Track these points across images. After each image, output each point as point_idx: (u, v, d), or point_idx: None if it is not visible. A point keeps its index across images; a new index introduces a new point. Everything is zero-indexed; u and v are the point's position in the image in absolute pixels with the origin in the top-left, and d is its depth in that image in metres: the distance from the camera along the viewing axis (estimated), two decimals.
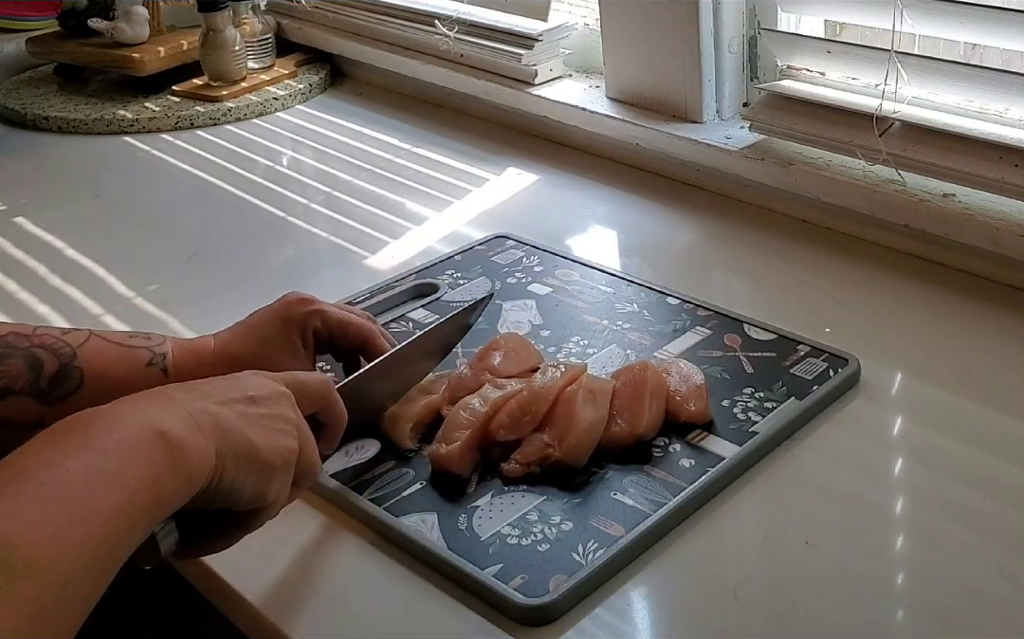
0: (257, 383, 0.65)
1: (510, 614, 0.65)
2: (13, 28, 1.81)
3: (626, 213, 1.19)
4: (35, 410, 0.71)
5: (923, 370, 0.88)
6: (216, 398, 0.61)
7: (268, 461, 0.62)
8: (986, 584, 0.66)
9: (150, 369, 0.76)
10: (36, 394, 0.72)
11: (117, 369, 0.74)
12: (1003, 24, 0.97)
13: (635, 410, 0.77)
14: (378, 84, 1.62)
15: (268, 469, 0.62)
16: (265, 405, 0.63)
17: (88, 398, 0.72)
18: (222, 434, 0.59)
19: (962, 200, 0.99)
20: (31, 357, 0.72)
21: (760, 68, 1.22)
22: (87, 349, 0.74)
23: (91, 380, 0.73)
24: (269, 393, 0.64)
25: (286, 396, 0.65)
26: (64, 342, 0.74)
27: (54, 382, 0.72)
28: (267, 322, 0.81)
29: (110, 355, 0.75)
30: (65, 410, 0.69)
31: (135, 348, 0.76)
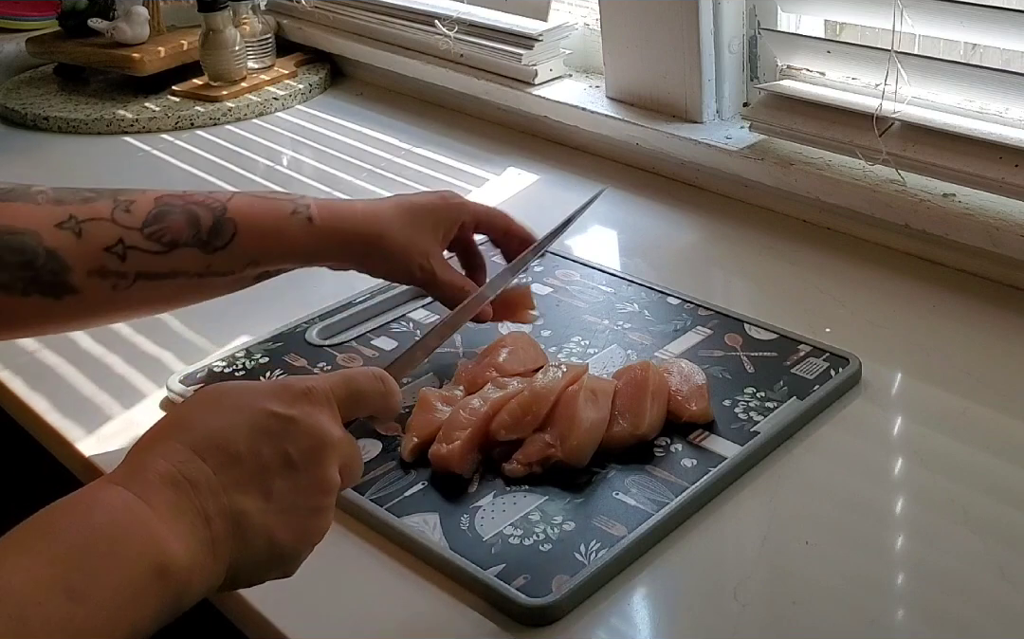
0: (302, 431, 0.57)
1: (512, 614, 0.65)
2: (13, 28, 1.80)
3: (626, 213, 1.19)
4: (202, 260, 0.77)
5: (923, 370, 0.88)
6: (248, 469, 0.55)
7: (293, 554, 0.58)
8: (986, 584, 0.66)
9: (294, 217, 0.80)
10: (200, 245, 0.77)
11: (265, 218, 0.79)
12: (1003, 24, 0.97)
13: (637, 410, 0.77)
14: (378, 84, 1.62)
15: (292, 560, 0.58)
16: (305, 471, 0.57)
17: (242, 247, 0.78)
18: (240, 544, 0.54)
19: (962, 200, 0.99)
20: (188, 212, 0.77)
21: (760, 68, 1.22)
22: (235, 202, 0.79)
23: (243, 228, 0.78)
24: (311, 449, 0.57)
25: (330, 450, 0.58)
26: (214, 198, 0.79)
27: (212, 233, 0.77)
28: (420, 205, 0.86)
29: (257, 206, 0.80)
30: (226, 257, 0.78)
31: (278, 199, 0.81)
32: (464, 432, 0.75)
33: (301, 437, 0.57)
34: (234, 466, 0.55)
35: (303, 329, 0.94)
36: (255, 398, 0.57)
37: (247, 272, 0.80)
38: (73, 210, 0.74)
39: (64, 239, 0.73)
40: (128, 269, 0.75)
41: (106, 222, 0.75)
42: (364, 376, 0.63)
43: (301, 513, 0.57)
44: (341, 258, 0.83)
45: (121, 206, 0.76)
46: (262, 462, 0.55)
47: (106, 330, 1.00)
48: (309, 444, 0.57)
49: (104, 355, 0.96)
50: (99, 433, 0.86)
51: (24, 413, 0.91)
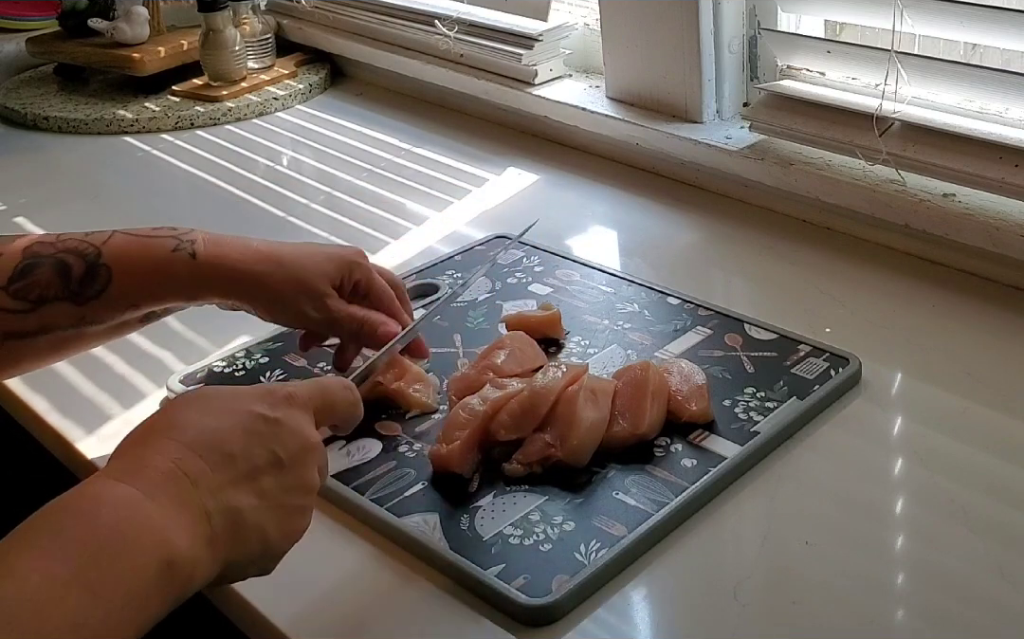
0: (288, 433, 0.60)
1: (512, 614, 0.65)
2: (13, 28, 1.81)
3: (626, 213, 1.19)
4: (74, 313, 0.73)
5: (923, 370, 0.88)
6: (241, 469, 0.57)
7: (280, 552, 0.60)
8: (986, 584, 0.66)
9: (176, 255, 0.76)
10: (70, 297, 0.73)
11: (143, 260, 0.75)
12: (1003, 24, 0.97)
13: (637, 410, 0.77)
14: (378, 84, 1.62)
15: (277, 557, 0.60)
16: (291, 471, 0.59)
17: (118, 292, 0.74)
18: (236, 538, 0.56)
19: (962, 200, 0.99)
20: (58, 263, 0.73)
21: (760, 68, 1.22)
22: (111, 245, 0.75)
23: (119, 274, 0.74)
24: (297, 451, 0.60)
25: (313, 451, 0.61)
26: (88, 243, 0.75)
27: (83, 282, 0.73)
28: (318, 251, 0.83)
29: (135, 247, 0.76)
30: (100, 306, 0.73)
31: (160, 237, 0.77)
32: (464, 432, 0.75)
33: (287, 439, 0.60)
34: (229, 465, 0.56)
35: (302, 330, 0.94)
36: (243, 401, 0.60)
37: (128, 316, 0.76)
38: None
39: None
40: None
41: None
42: (336, 385, 0.67)
43: (288, 511, 0.59)
44: (227, 296, 0.78)
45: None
46: (254, 462, 0.58)
47: None
48: (295, 445, 0.60)
49: (104, 355, 0.96)
50: (99, 433, 0.86)
51: (24, 413, 0.91)
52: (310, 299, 0.80)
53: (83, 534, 0.50)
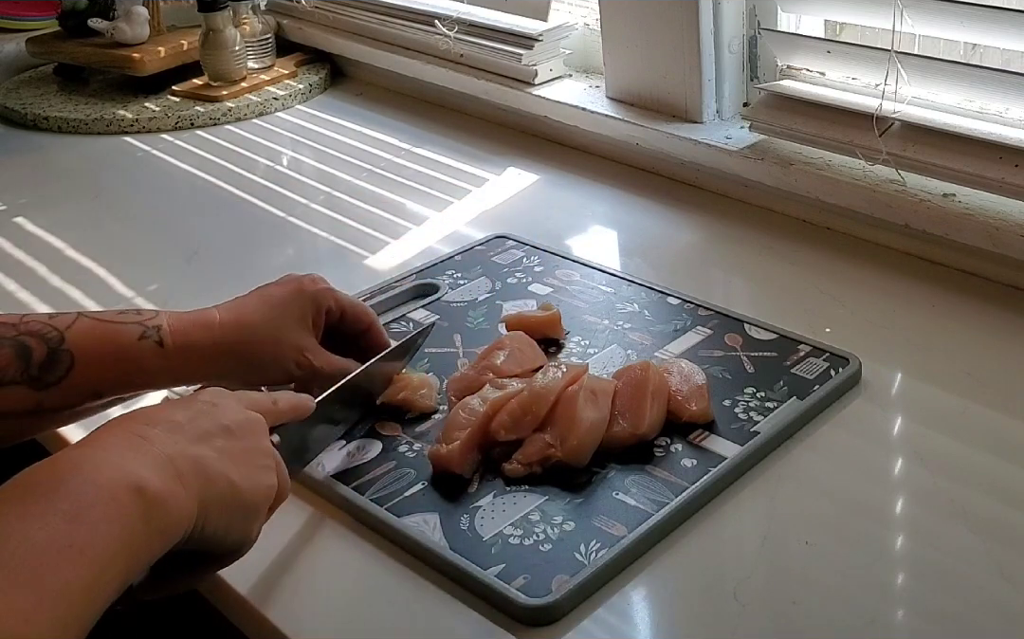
0: (230, 411, 0.64)
1: (513, 614, 0.65)
2: (13, 28, 1.81)
3: (626, 213, 1.19)
4: (31, 398, 0.71)
5: (923, 370, 0.88)
6: (191, 432, 0.60)
7: (252, 502, 0.63)
8: (986, 584, 0.66)
9: (143, 343, 0.73)
10: (29, 381, 0.70)
11: (107, 347, 0.73)
12: (1003, 24, 0.97)
13: (637, 410, 0.77)
14: (378, 84, 1.62)
15: (252, 511, 0.63)
16: (243, 437, 0.63)
17: (80, 379, 0.72)
18: (205, 481, 0.59)
19: (962, 200, 0.99)
20: (19, 345, 0.71)
21: (760, 68, 1.22)
22: (75, 331, 0.72)
23: (81, 361, 0.72)
24: (244, 422, 0.64)
25: (260, 423, 0.66)
26: (51, 327, 0.72)
27: (44, 367, 0.71)
28: (281, 295, 0.80)
29: (99, 333, 0.73)
30: (60, 393, 0.71)
31: (125, 324, 0.74)
32: (464, 432, 0.75)
33: (229, 412, 0.64)
34: (179, 430, 0.60)
35: None
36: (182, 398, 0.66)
37: (89, 404, 0.74)
38: None
39: None
40: None
41: None
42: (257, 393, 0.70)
43: (249, 466, 0.63)
44: (206, 377, 0.76)
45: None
46: (203, 427, 0.61)
47: None
48: (238, 417, 0.64)
49: None
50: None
51: None
52: (291, 358, 0.78)
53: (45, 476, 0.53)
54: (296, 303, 0.79)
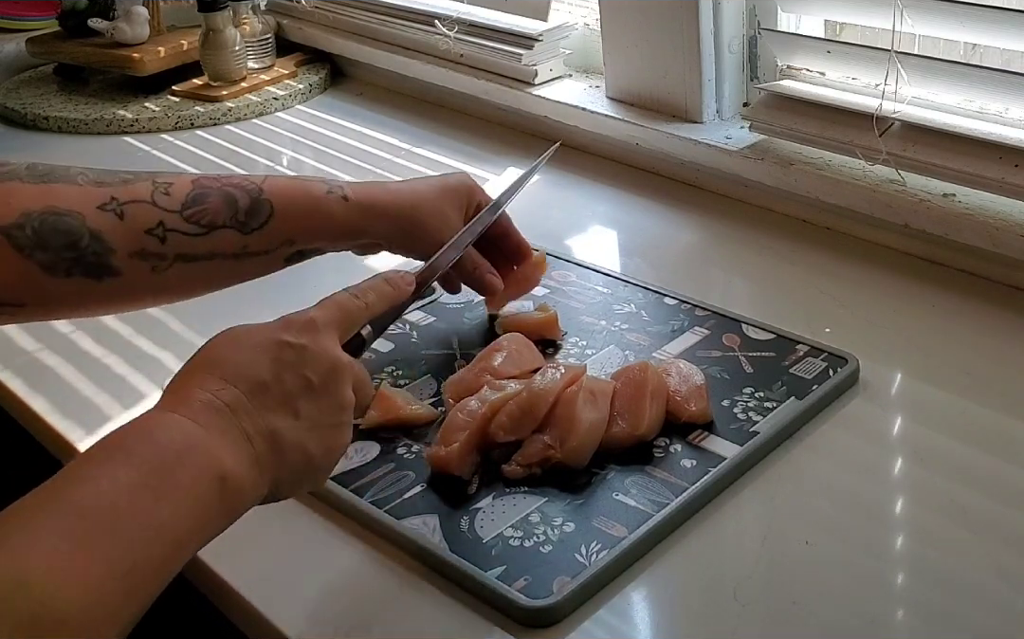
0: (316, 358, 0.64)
1: (513, 616, 0.65)
2: (13, 28, 1.80)
3: (626, 213, 1.19)
4: (238, 240, 0.78)
5: (923, 370, 0.88)
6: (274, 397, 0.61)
7: (323, 467, 0.65)
8: (986, 584, 0.66)
9: (330, 196, 0.82)
10: (237, 226, 0.78)
11: (302, 197, 0.81)
12: (1003, 24, 0.97)
13: (636, 411, 0.77)
14: (378, 84, 1.62)
15: (323, 474, 0.65)
16: (324, 393, 0.63)
17: (279, 226, 0.80)
18: (280, 459, 0.61)
19: (962, 200, 0.99)
20: (225, 194, 0.78)
21: (760, 68, 1.22)
22: (270, 183, 0.81)
23: (280, 208, 0.80)
24: (327, 373, 0.64)
25: (344, 371, 0.65)
26: (249, 181, 0.80)
27: (249, 213, 0.79)
28: (449, 186, 0.89)
29: (292, 186, 0.82)
30: (263, 238, 0.79)
31: (312, 180, 0.83)
32: (463, 434, 0.75)
33: (316, 362, 0.64)
34: (263, 392, 0.61)
35: None
36: (269, 333, 0.64)
37: (282, 251, 0.81)
38: (114, 192, 0.75)
39: (107, 221, 0.73)
40: (167, 251, 0.76)
41: (146, 204, 0.75)
42: (346, 297, 0.71)
43: (325, 429, 0.63)
44: (377, 235, 0.85)
45: (160, 188, 0.77)
46: (286, 388, 0.62)
47: (106, 330, 1.00)
48: (324, 367, 0.64)
49: (104, 355, 0.96)
50: (99, 433, 0.86)
51: (24, 413, 0.91)
52: (450, 235, 0.86)
53: (145, 449, 0.55)
54: (457, 194, 0.89)
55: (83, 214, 0.73)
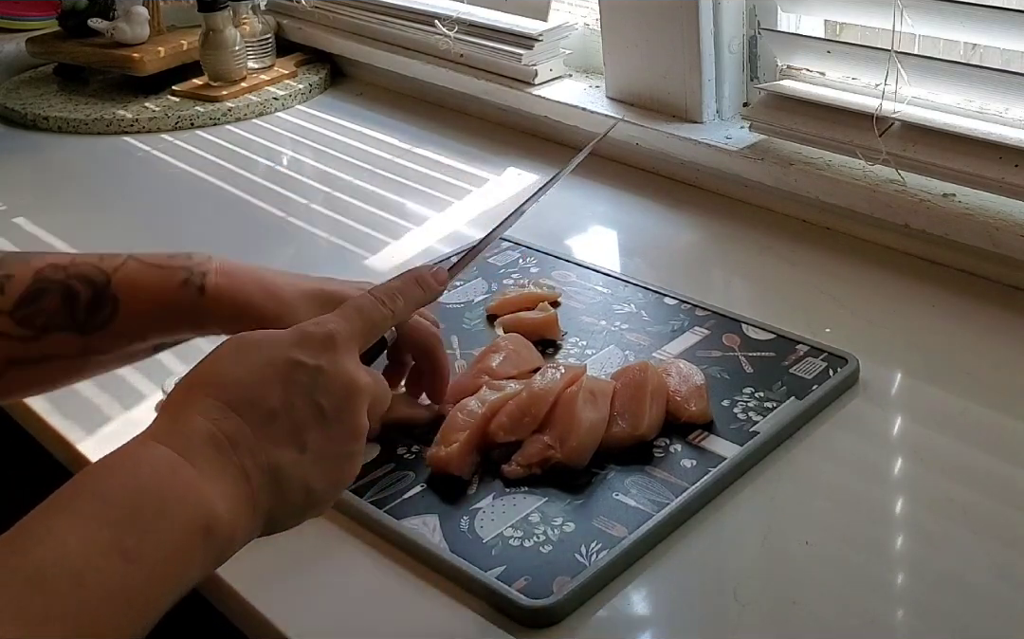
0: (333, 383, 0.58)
1: (514, 616, 0.65)
2: (13, 28, 1.80)
3: (626, 213, 1.19)
4: (77, 342, 0.71)
5: (923, 370, 0.88)
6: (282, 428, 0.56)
7: (326, 501, 0.60)
8: (986, 584, 0.66)
9: (186, 288, 0.73)
10: (75, 327, 0.71)
11: (152, 291, 0.72)
12: (1003, 24, 0.97)
13: (636, 411, 0.77)
14: (378, 84, 1.62)
15: (323, 507, 0.60)
16: (336, 421, 0.58)
17: (125, 323, 0.72)
18: (279, 495, 0.56)
19: (962, 200, 0.99)
20: (66, 289, 0.71)
21: (760, 68, 1.22)
22: (122, 273, 0.72)
23: (126, 305, 0.72)
24: (343, 400, 0.59)
25: (361, 395, 0.60)
26: (99, 269, 0.72)
27: (89, 311, 0.71)
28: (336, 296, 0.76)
29: (146, 278, 0.73)
30: (107, 337, 0.71)
31: (172, 267, 0.73)
32: (462, 434, 0.75)
33: (331, 387, 0.59)
34: (270, 422, 0.56)
35: None
36: (282, 349, 0.59)
37: (134, 347, 0.74)
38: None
39: None
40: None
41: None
42: (371, 304, 0.65)
43: (333, 460, 0.59)
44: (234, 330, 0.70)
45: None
46: (295, 416, 0.57)
47: None
48: (339, 394, 0.59)
49: None
50: (99, 433, 0.86)
51: (24, 413, 0.91)
52: None
53: (123, 496, 0.50)
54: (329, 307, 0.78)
55: None
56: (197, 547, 0.51)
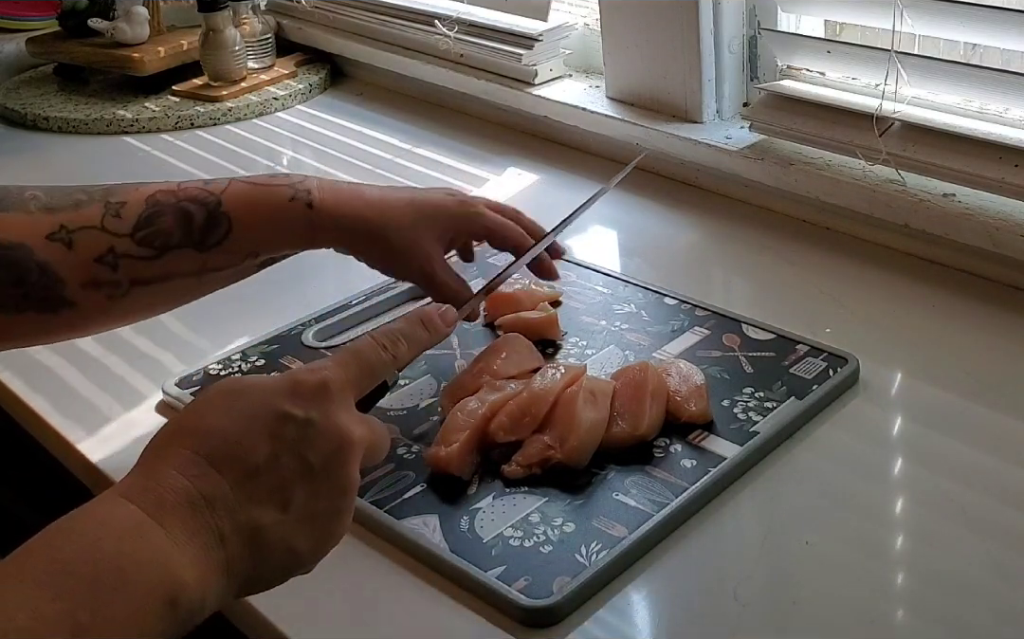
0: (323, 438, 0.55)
1: (514, 616, 0.65)
2: (13, 28, 1.80)
3: (626, 213, 1.19)
4: (196, 259, 0.75)
5: (923, 370, 0.88)
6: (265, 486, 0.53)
7: (311, 562, 0.57)
8: (986, 584, 0.66)
9: (293, 204, 0.78)
10: (192, 244, 0.75)
11: (261, 208, 0.77)
12: (1003, 24, 0.97)
13: (636, 411, 0.77)
14: (378, 84, 1.62)
15: (310, 564, 0.57)
16: (324, 477, 0.55)
17: (238, 240, 0.76)
18: (257, 557, 0.53)
19: (962, 200, 0.99)
20: (180, 211, 0.75)
21: (760, 68, 1.22)
22: (230, 194, 0.77)
23: (238, 221, 0.76)
24: (332, 455, 0.56)
25: (352, 451, 0.57)
26: (208, 192, 0.77)
27: (205, 230, 0.75)
28: (428, 201, 0.83)
29: (253, 196, 0.77)
30: (222, 254, 0.76)
31: (276, 186, 0.78)
32: (462, 434, 0.75)
33: (321, 441, 0.55)
34: (252, 479, 0.53)
35: (299, 331, 0.94)
36: (271, 399, 0.55)
37: (246, 263, 0.78)
38: (64, 219, 0.72)
39: (55, 252, 0.71)
40: (121, 278, 0.73)
41: (96, 231, 0.72)
42: (370, 348, 0.62)
43: (320, 519, 0.55)
44: (340, 244, 0.81)
45: (112, 210, 0.73)
46: (281, 474, 0.54)
47: None
48: (329, 448, 0.55)
49: (104, 356, 0.96)
50: (99, 434, 0.86)
51: (24, 413, 0.91)
52: (418, 261, 0.82)
53: (81, 569, 0.47)
54: (441, 218, 0.83)
55: (31, 246, 0.70)
56: (160, 618, 0.48)
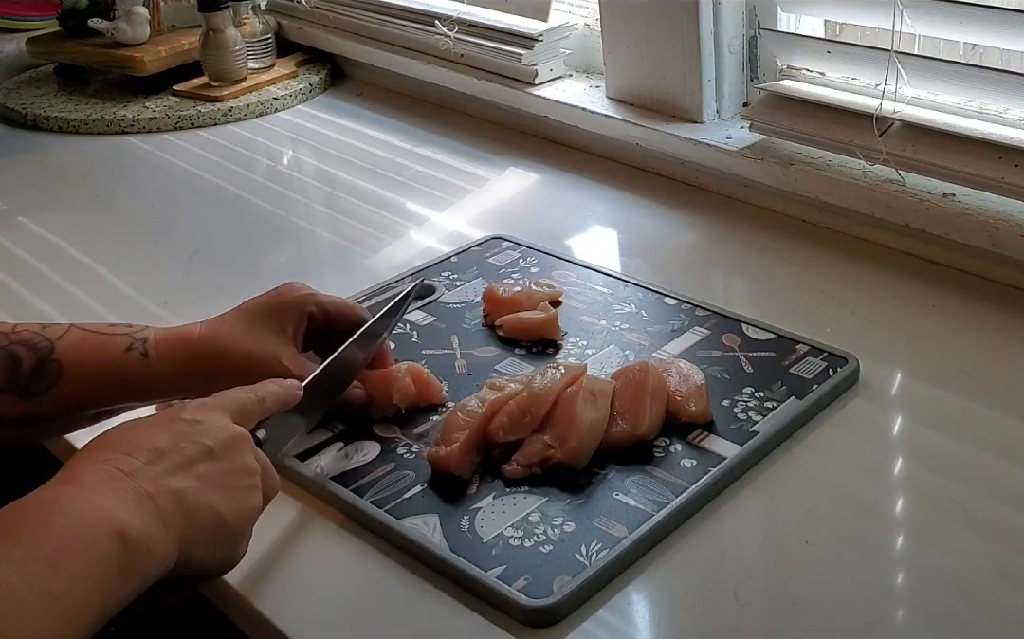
0: (213, 428, 0.63)
1: (514, 616, 0.65)
2: (13, 28, 1.81)
3: (626, 213, 1.19)
4: (17, 406, 0.72)
5: (923, 370, 0.88)
6: (174, 460, 0.60)
7: (237, 527, 0.62)
8: (986, 584, 0.66)
9: (129, 355, 0.75)
10: (16, 391, 0.72)
11: (96, 358, 0.74)
12: (1003, 24, 0.97)
13: (636, 411, 0.77)
14: (378, 84, 1.62)
15: (238, 535, 0.63)
16: (227, 457, 0.62)
17: (68, 390, 0.73)
18: (188, 517, 0.58)
19: (962, 200, 0.99)
20: (9, 355, 0.72)
21: (760, 68, 1.22)
22: (66, 341, 0.74)
23: (69, 372, 0.73)
24: (227, 440, 0.63)
25: (244, 439, 0.65)
26: (43, 337, 0.74)
27: (32, 377, 0.72)
28: (259, 308, 0.80)
29: (89, 345, 0.75)
30: (48, 403, 0.72)
31: (115, 336, 0.76)
32: (463, 434, 0.75)
33: (212, 431, 0.63)
34: (160, 458, 0.59)
35: None
36: (163, 413, 0.65)
37: (75, 414, 0.75)
38: None
39: None
40: None
41: None
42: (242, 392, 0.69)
43: (234, 490, 0.62)
44: (184, 390, 0.76)
45: None
46: (185, 453, 0.61)
47: None
48: (221, 435, 0.63)
49: None
50: (99, 434, 0.86)
51: None
52: (267, 368, 0.77)
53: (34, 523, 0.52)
54: (272, 313, 0.80)
55: None
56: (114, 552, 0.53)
